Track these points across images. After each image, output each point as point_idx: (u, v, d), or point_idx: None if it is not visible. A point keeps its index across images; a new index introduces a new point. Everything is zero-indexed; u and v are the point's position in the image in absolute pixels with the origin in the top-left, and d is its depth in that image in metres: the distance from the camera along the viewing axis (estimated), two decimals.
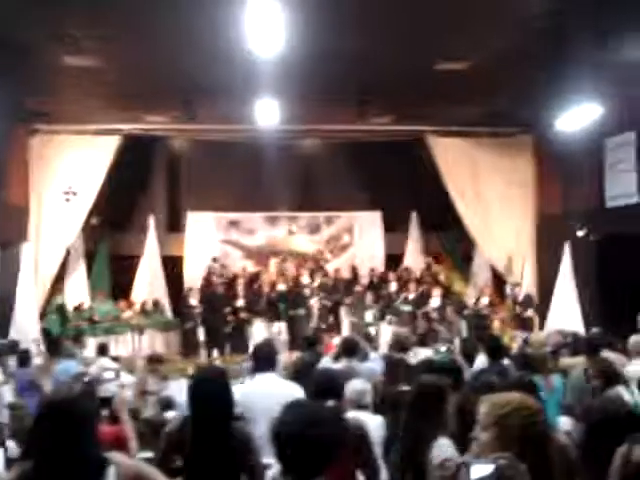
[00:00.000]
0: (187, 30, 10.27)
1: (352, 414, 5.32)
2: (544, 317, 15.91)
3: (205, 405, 4.25)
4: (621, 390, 5.73)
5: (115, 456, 3.18)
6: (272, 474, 3.85)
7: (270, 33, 9.32)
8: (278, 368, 6.22)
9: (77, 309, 16.84)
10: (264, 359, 5.80)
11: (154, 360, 9.67)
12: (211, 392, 4.27)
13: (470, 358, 8.47)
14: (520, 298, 16.61)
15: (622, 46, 10.53)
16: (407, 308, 17.31)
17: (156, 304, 18.54)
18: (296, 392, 5.35)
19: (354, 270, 19.89)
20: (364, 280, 19.33)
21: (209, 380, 4.39)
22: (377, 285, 18.80)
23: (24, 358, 10.58)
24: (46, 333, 15.68)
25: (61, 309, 16.31)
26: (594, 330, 10.40)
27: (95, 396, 5.68)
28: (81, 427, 3.04)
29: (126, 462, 3.18)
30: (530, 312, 16.09)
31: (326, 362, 8.16)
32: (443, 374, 5.26)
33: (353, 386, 5.82)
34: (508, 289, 17.33)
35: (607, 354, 7.33)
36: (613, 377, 5.95)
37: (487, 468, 2.57)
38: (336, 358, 8.46)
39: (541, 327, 15.64)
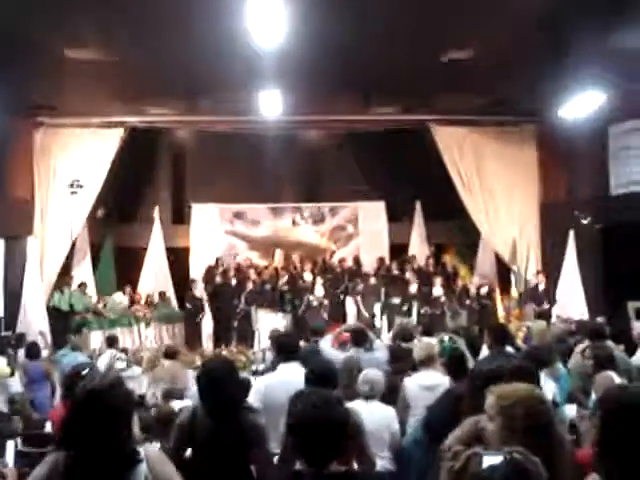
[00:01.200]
0: (190, 22, 10.28)
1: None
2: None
3: (213, 395, 4.28)
4: (612, 374, 5.76)
5: (151, 453, 3.16)
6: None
7: (273, 24, 9.35)
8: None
9: (80, 286, 16.81)
10: (286, 349, 5.83)
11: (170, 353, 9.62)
12: (219, 382, 4.29)
13: (474, 348, 8.48)
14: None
15: (625, 34, 10.52)
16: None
17: (162, 296, 18.60)
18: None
19: (357, 261, 19.90)
20: (370, 269, 19.38)
21: (216, 370, 4.41)
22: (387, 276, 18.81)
23: (33, 350, 10.61)
24: (55, 310, 15.78)
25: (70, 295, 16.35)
26: (598, 319, 10.41)
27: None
28: (119, 417, 3.02)
29: (160, 464, 3.14)
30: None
31: (332, 351, 8.18)
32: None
33: (366, 375, 5.86)
34: (512, 277, 17.37)
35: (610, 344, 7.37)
36: (605, 361, 5.97)
37: (497, 459, 2.59)
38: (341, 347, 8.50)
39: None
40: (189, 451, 4.34)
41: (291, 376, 5.45)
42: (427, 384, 6.09)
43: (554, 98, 14.12)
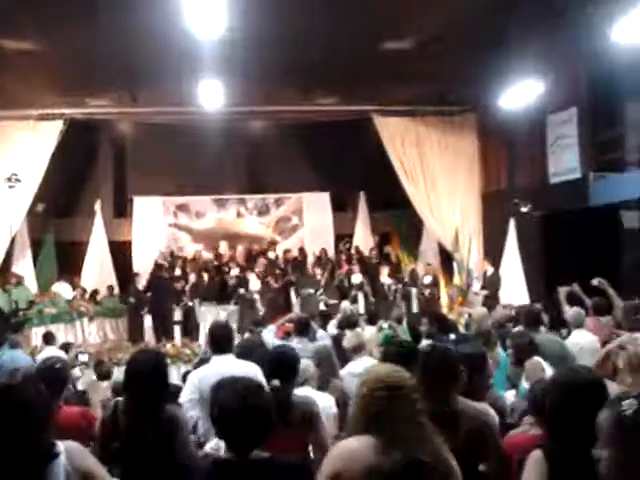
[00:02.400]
0: (128, 11, 10.16)
1: (302, 391, 5.37)
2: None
3: (137, 385, 4.24)
4: (539, 359, 5.87)
5: (70, 447, 3.05)
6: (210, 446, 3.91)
7: (213, 14, 9.27)
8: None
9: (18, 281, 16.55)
10: (221, 341, 5.80)
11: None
12: (144, 373, 4.24)
13: (416, 335, 8.58)
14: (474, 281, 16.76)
15: (562, 23, 10.69)
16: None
17: (110, 290, 18.47)
18: (254, 372, 5.37)
19: (302, 252, 19.93)
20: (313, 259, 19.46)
21: (142, 361, 4.36)
22: (327, 264, 18.87)
23: None
24: None
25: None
26: (536, 305, 10.57)
27: (65, 384, 5.54)
28: (23, 414, 2.91)
29: (80, 457, 3.05)
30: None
31: (275, 342, 8.19)
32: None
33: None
34: (455, 265, 17.58)
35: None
36: (525, 349, 6.08)
37: None
38: (284, 338, 8.53)
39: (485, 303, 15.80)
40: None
41: (225, 368, 5.43)
42: (358, 372, 6.12)
43: (493, 87, 14.31)
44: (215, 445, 3.94)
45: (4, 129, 16.27)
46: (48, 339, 11.15)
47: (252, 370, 5.43)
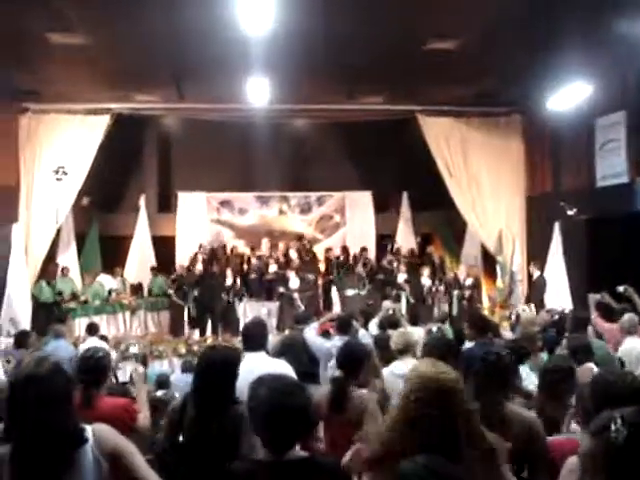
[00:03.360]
0: (178, 7, 10.21)
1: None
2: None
3: (205, 381, 4.28)
4: (591, 366, 5.79)
5: (97, 428, 3.08)
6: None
7: (261, 11, 9.30)
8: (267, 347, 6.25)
9: (63, 271, 16.84)
10: (253, 338, 5.81)
11: None
12: (212, 369, 4.28)
13: (460, 337, 8.52)
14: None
15: (612, 24, 10.52)
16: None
17: (154, 271, 18.77)
18: (285, 369, 5.38)
19: (345, 250, 19.90)
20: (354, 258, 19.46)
21: (212, 358, 4.39)
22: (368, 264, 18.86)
23: (21, 339, 10.54)
24: (35, 299, 15.75)
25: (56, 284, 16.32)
26: (579, 310, 10.44)
27: (106, 374, 5.59)
28: (50, 400, 2.92)
29: (105, 435, 3.07)
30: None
31: (316, 339, 8.20)
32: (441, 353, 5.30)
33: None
34: (498, 268, 17.44)
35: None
36: (580, 351, 6.00)
37: None
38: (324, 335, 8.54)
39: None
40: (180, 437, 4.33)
41: (257, 365, 5.45)
42: (401, 372, 6.09)
43: (541, 89, 14.17)
44: None
45: (53, 122, 16.49)
46: (91, 330, 11.29)
47: (284, 368, 5.45)
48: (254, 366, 5.41)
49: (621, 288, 9.04)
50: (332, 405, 4.96)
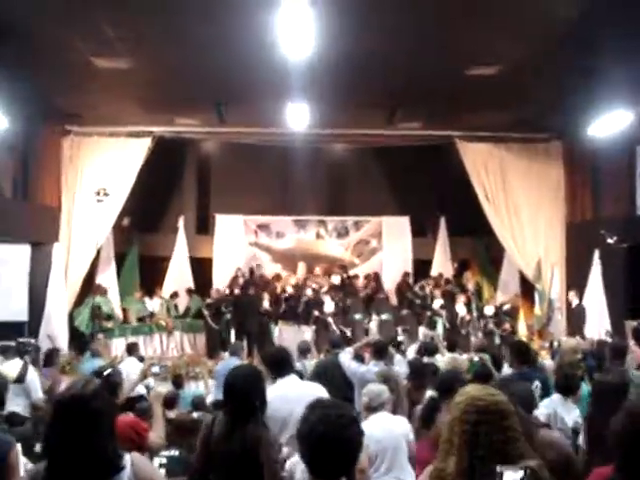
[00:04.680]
0: (219, 33, 10.35)
1: (377, 416, 5.36)
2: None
3: (229, 400, 4.33)
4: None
5: (136, 457, 3.10)
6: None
7: (301, 37, 9.38)
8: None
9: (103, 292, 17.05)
10: (281, 364, 5.79)
11: None
12: (235, 388, 4.32)
13: (497, 364, 8.45)
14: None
15: None
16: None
17: (190, 292, 19.06)
18: (319, 392, 5.37)
19: (376, 276, 19.88)
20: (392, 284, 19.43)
21: (234, 377, 4.42)
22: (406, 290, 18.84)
23: (49, 357, 10.65)
24: (75, 330, 15.93)
25: (93, 309, 16.48)
26: (617, 339, 10.27)
27: (116, 392, 5.66)
28: (94, 423, 2.92)
29: (144, 466, 3.09)
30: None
31: (351, 364, 8.18)
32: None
33: (368, 389, 5.88)
34: (536, 295, 17.25)
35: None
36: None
37: (517, 474, 2.62)
38: (359, 360, 8.53)
39: (572, 334, 15.46)
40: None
41: (290, 389, 5.46)
42: None
43: (582, 116, 14.06)
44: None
45: (95, 145, 16.78)
46: (131, 350, 11.36)
47: (318, 391, 5.44)
48: (287, 390, 5.43)
49: None
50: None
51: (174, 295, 18.86)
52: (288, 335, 16.92)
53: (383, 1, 9.51)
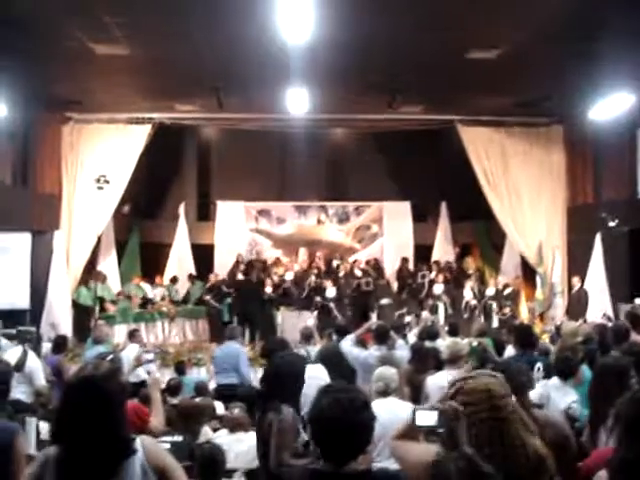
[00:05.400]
0: (217, 18, 10.29)
1: (387, 402, 5.38)
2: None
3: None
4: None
5: (147, 440, 3.08)
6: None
7: (300, 21, 9.35)
8: None
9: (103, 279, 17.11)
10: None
11: None
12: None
13: (499, 348, 8.47)
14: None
15: None
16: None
17: (191, 278, 19.14)
18: (320, 374, 5.40)
19: (376, 261, 19.88)
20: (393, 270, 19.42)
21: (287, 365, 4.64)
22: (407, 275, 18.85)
23: (58, 345, 10.67)
24: (75, 304, 16.00)
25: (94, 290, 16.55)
26: (619, 321, 10.23)
27: (122, 376, 5.68)
28: (107, 405, 2.90)
29: (155, 451, 3.06)
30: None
31: (352, 350, 8.20)
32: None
33: (381, 373, 5.86)
34: (538, 279, 17.25)
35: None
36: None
37: (431, 415, 2.80)
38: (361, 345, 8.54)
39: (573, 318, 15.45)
40: None
41: None
42: (443, 384, 6.05)
43: (582, 99, 14.02)
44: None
45: (95, 132, 16.75)
46: (132, 336, 11.37)
47: (319, 372, 5.47)
48: None
49: None
50: None
51: (174, 280, 18.89)
52: (290, 321, 16.91)
53: None
